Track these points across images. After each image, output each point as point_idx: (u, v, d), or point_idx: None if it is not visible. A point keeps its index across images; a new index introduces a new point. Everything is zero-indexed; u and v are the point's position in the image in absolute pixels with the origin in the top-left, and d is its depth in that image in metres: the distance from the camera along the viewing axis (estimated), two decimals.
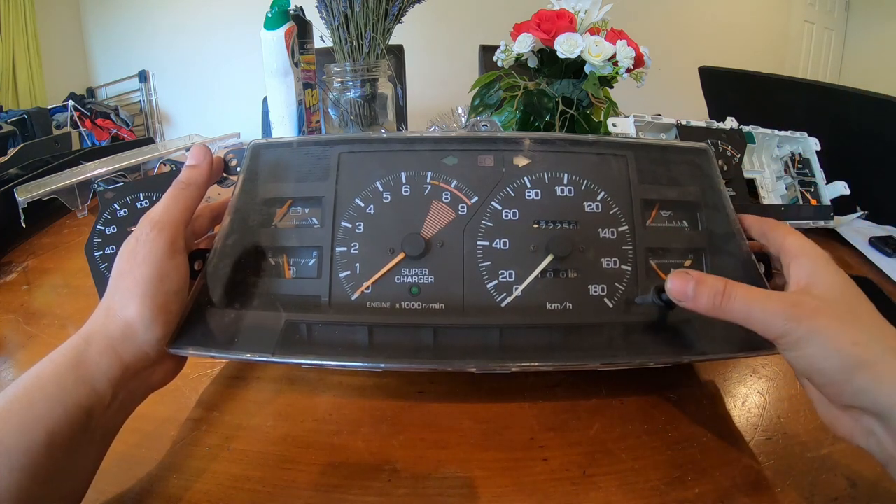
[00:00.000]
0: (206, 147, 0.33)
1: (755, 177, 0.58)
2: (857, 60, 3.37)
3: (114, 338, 0.26)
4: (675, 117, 0.55)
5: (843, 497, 0.26)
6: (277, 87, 0.62)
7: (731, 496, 0.27)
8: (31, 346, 0.42)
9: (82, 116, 2.43)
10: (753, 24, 3.05)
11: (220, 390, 0.35)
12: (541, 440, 0.30)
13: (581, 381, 0.35)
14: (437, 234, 0.32)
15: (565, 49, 0.57)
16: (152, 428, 0.32)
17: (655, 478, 0.28)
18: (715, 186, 0.34)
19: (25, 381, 0.24)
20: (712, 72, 1.00)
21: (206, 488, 0.28)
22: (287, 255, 0.33)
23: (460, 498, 0.27)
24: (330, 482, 0.28)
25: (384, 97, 0.70)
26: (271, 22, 0.58)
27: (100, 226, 0.40)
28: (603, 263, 0.32)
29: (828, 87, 0.79)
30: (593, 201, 0.33)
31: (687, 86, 1.26)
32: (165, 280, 0.28)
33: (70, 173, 0.60)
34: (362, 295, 0.31)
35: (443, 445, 0.30)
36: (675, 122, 0.54)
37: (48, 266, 0.56)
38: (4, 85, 2.39)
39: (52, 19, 2.61)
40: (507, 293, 0.31)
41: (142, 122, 2.87)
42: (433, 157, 0.34)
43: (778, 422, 0.32)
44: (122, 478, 0.28)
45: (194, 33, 2.71)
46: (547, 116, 0.60)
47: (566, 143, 0.35)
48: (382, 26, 0.66)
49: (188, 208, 0.31)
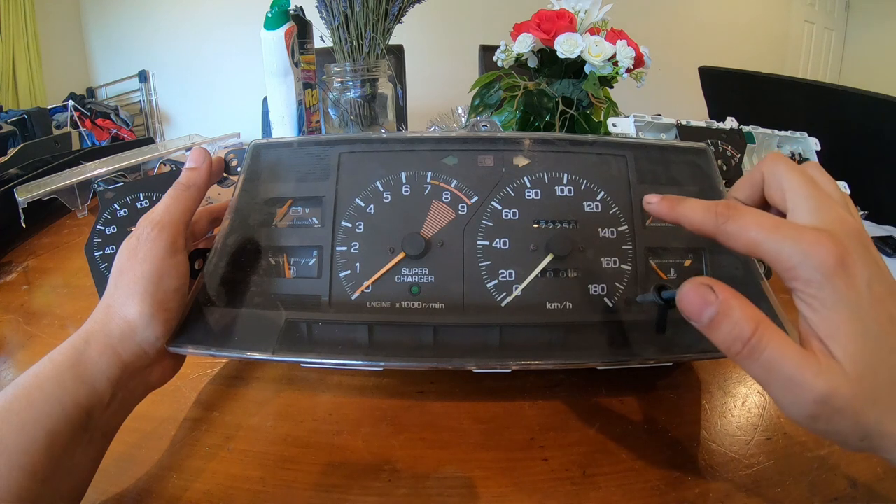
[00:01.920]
0: (205, 150, 0.33)
1: None
2: (857, 60, 3.37)
3: (113, 336, 0.26)
4: (675, 117, 0.55)
5: (843, 497, 0.26)
6: (277, 87, 0.62)
7: (731, 496, 0.27)
8: (31, 346, 0.42)
9: (82, 116, 2.43)
10: (753, 24, 3.05)
11: (220, 390, 0.35)
12: (541, 440, 0.30)
13: (581, 381, 0.35)
14: (438, 234, 0.32)
15: (565, 49, 0.57)
16: (152, 427, 0.32)
17: (655, 478, 0.28)
18: (715, 186, 0.34)
19: (25, 380, 0.24)
20: (712, 72, 1.00)
21: (206, 488, 0.28)
22: (287, 254, 0.33)
23: (460, 498, 0.27)
24: (330, 482, 0.28)
25: (384, 97, 0.70)
26: (271, 22, 0.58)
27: (100, 226, 0.40)
28: (603, 263, 0.32)
29: (828, 87, 0.79)
30: (593, 201, 0.33)
31: (687, 86, 1.26)
32: (165, 278, 0.28)
33: (70, 173, 0.60)
34: (362, 294, 0.31)
35: (443, 445, 0.30)
36: (675, 122, 0.54)
37: (48, 266, 0.56)
38: (4, 85, 2.39)
39: (52, 19, 2.61)
40: (507, 292, 0.31)
41: (142, 122, 2.86)
42: (433, 157, 0.34)
43: (778, 422, 0.32)
44: (121, 477, 0.28)
45: (194, 33, 2.71)
46: (547, 116, 0.60)
47: (566, 143, 0.35)
48: (382, 26, 0.66)
49: (188, 209, 0.31)
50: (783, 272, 0.21)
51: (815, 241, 0.20)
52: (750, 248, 0.22)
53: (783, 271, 0.21)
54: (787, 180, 0.23)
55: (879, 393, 0.19)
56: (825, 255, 0.20)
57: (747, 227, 0.22)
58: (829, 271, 0.20)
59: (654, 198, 0.26)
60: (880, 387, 0.19)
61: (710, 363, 0.37)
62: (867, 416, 0.19)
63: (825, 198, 0.22)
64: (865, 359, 0.19)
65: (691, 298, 0.21)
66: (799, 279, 0.20)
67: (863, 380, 0.19)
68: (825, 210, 0.22)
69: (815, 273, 0.20)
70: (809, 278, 0.20)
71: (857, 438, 0.20)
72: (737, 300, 0.21)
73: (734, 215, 0.22)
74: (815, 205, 0.22)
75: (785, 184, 0.23)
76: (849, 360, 0.19)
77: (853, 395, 0.19)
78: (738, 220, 0.22)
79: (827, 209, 0.22)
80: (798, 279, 0.20)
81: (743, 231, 0.22)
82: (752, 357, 0.20)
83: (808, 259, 0.20)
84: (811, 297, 0.20)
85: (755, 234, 0.21)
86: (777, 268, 0.21)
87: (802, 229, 0.21)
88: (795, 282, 0.20)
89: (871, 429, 0.19)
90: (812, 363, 0.20)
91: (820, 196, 0.22)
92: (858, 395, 0.19)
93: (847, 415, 0.19)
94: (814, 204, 0.22)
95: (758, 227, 0.21)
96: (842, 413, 0.19)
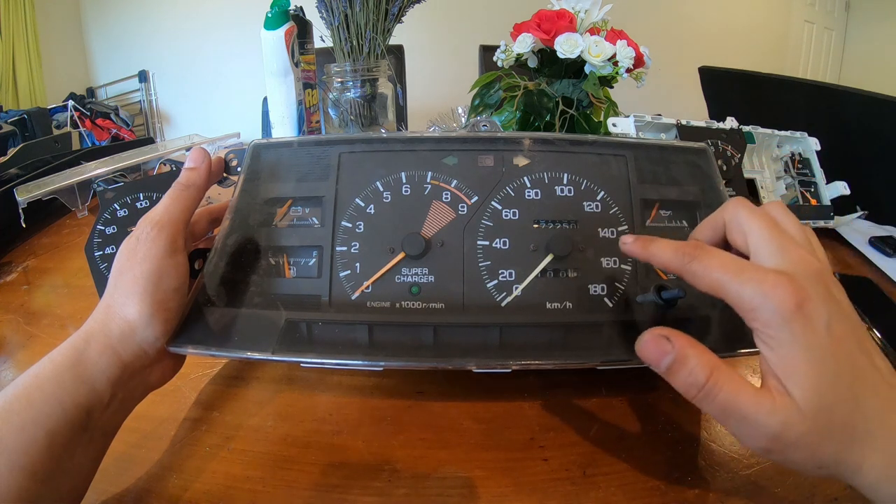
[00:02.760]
0: (204, 150, 0.33)
1: (755, 177, 0.58)
2: (857, 60, 3.37)
3: (113, 336, 0.26)
4: (675, 117, 0.55)
5: (843, 497, 0.26)
6: (277, 87, 0.62)
7: (731, 496, 0.27)
8: (31, 346, 0.42)
9: (82, 116, 2.43)
10: (753, 24, 3.05)
11: (220, 390, 0.35)
12: (541, 440, 0.30)
13: (581, 381, 0.35)
14: (438, 234, 0.32)
15: (565, 49, 0.57)
16: (152, 427, 0.32)
17: (655, 478, 0.28)
18: (714, 186, 0.34)
19: (25, 380, 0.24)
20: (712, 72, 1.00)
21: (206, 488, 0.28)
22: (287, 254, 0.33)
23: (460, 498, 0.27)
24: (330, 482, 0.28)
25: (384, 97, 0.70)
26: (271, 22, 0.58)
27: (100, 226, 0.40)
28: (603, 263, 0.32)
29: (828, 87, 0.79)
30: (593, 201, 0.33)
31: (687, 86, 1.26)
32: (165, 278, 0.28)
33: (70, 173, 0.60)
34: (362, 294, 0.31)
35: (443, 445, 0.30)
36: (675, 122, 0.54)
37: (48, 266, 0.56)
38: (4, 85, 2.39)
39: (52, 19, 2.61)
40: (507, 292, 0.31)
41: (142, 122, 2.86)
42: (433, 157, 0.34)
43: None
44: (121, 477, 0.28)
45: (194, 33, 2.71)
46: (547, 116, 0.60)
47: (566, 143, 0.35)
48: (382, 26, 0.66)
49: (188, 209, 0.31)
50: (744, 313, 0.22)
51: (775, 285, 0.21)
52: (713, 287, 0.22)
53: (744, 312, 0.22)
54: (747, 224, 0.24)
55: (834, 427, 0.20)
56: (784, 298, 0.20)
57: (711, 269, 0.22)
58: (787, 314, 0.20)
59: (628, 238, 0.27)
60: (835, 421, 0.20)
61: None
62: (823, 449, 0.20)
63: (787, 240, 0.23)
64: (821, 396, 0.20)
65: (650, 348, 0.23)
66: (759, 320, 0.21)
67: (818, 416, 0.20)
68: (787, 252, 0.22)
69: (774, 315, 0.20)
70: (769, 320, 0.21)
71: (813, 467, 0.21)
72: (693, 349, 0.22)
73: (700, 255, 0.23)
74: (777, 247, 0.23)
75: (746, 227, 0.24)
76: (804, 398, 0.20)
77: (807, 430, 0.20)
78: (702, 260, 0.23)
79: (788, 251, 0.22)
80: (758, 320, 0.21)
81: (707, 272, 0.23)
82: (708, 400, 0.22)
83: (768, 301, 0.21)
84: (770, 338, 0.21)
85: (718, 275, 0.22)
86: (738, 308, 0.22)
87: (765, 272, 0.21)
88: (756, 322, 0.21)
89: (828, 459, 0.20)
90: (766, 402, 0.21)
91: (782, 238, 0.23)
92: (812, 431, 0.20)
93: (801, 447, 0.20)
94: (775, 246, 0.23)
95: (722, 268, 0.22)
96: (795, 446, 0.20)
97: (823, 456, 0.20)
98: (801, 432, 0.20)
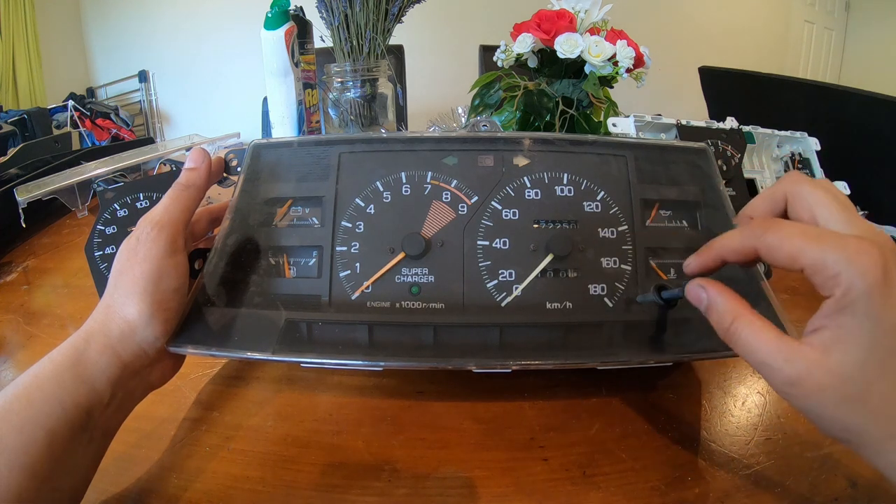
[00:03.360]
0: (204, 150, 0.33)
1: (755, 177, 0.58)
2: (857, 60, 3.37)
3: (113, 336, 0.26)
4: (675, 117, 0.55)
5: (843, 497, 0.26)
6: (277, 87, 0.62)
7: (731, 496, 0.27)
8: (31, 346, 0.42)
9: (82, 116, 2.43)
10: (753, 24, 3.05)
11: (220, 390, 0.35)
12: (541, 440, 0.30)
13: (581, 381, 0.35)
14: (438, 234, 0.32)
15: (565, 49, 0.57)
16: (151, 427, 0.32)
17: (655, 478, 0.28)
18: (714, 186, 0.34)
19: (25, 380, 0.24)
20: (712, 72, 1.00)
21: (206, 488, 0.28)
22: (287, 254, 0.33)
23: (460, 498, 0.27)
24: (330, 482, 0.28)
25: (384, 97, 0.70)
26: (271, 22, 0.58)
27: (100, 226, 0.40)
28: (603, 263, 0.32)
29: (828, 87, 0.79)
30: (593, 201, 0.33)
31: (687, 86, 1.26)
32: (165, 278, 0.28)
33: (70, 173, 0.60)
34: (362, 294, 0.31)
35: (443, 445, 0.30)
36: (675, 122, 0.54)
37: (48, 266, 0.56)
38: (4, 85, 2.39)
39: (52, 19, 2.61)
40: (507, 292, 0.31)
41: (142, 122, 2.86)
42: (433, 157, 0.34)
43: (778, 422, 0.32)
44: (121, 477, 0.28)
45: (194, 33, 2.70)
46: (547, 116, 0.60)
47: (566, 143, 0.35)
48: (382, 26, 0.66)
49: (188, 209, 0.31)
50: (825, 280, 0.21)
51: (860, 250, 0.20)
52: (792, 256, 0.22)
53: (825, 279, 0.21)
54: (812, 196, 0.23)
55: (871, 397, 0.20)
56: (870, 263, 0.20)
57: (790, 236, 0.22)
58: (872, 279, 0.20)
59: (689, 259, 0.27)
60: (872, 392, 0.20)
61: (710, 363, 0.37)
62: (852, 414, 0.20)
63: (854, 212, 0.23)
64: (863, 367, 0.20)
65: (691, 296, 0.26)
66: (840, 286, 0.20)
67: (852, 381, 0.20)
68: (856, 224, 0.22)
69: (858, 280, 0.20)
70: (851, 285, 0.20)
71: (839, 429, 0.21)
72: (721, 297, 0.24)
73: (773, 227, 0.23)
74: (848, 217, 0.22)
75: (811, 199, 0.23)
76: (842, 362, 0.20)
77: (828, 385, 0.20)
78: (778, 231, 0.22)
79: (858, 223, 0.22)
80: (840, 286, 0.20)
81: (785, 241, 0.22)
82: (731, 342, 0.23)
83: (853, 266, 0.20)
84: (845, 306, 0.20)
85: (798, 241, 0.21)
86: (818, 275, 0.21)
87: (847, 238, 0.21)
88: (837, 289, 0.20)
89: (855, 427, 0.20)
90: (784, 350, 0.21)
91: (850, 210, 0.23)
92: (839, 390, 0.20)
93: (821, 401, 0.21)
94: (846, 216, 0.22)
95: (802, 235, 0.21)
96: (815, 398, 0.21)
97: (850, 421, 0.20)
98: (821, 384, 0.20)
